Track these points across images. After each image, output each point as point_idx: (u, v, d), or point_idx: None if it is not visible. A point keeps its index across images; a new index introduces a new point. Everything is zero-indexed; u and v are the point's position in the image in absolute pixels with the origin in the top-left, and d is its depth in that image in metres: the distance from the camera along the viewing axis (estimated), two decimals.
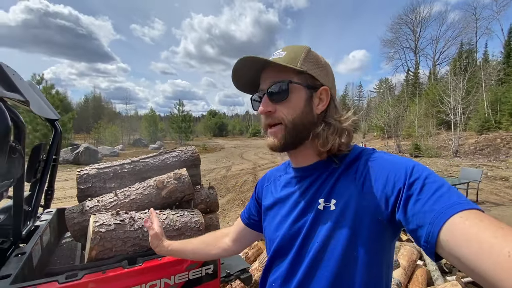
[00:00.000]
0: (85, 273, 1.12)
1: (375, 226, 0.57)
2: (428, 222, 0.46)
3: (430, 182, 0.50)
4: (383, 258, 0.61)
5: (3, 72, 1.13)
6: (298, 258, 0.66)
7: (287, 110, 0.65)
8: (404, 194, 0.52)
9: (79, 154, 14.54)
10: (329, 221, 0.61)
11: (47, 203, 2.07)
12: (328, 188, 0.64)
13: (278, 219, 0.74)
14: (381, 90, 46.25)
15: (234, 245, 0.95)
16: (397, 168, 0.56)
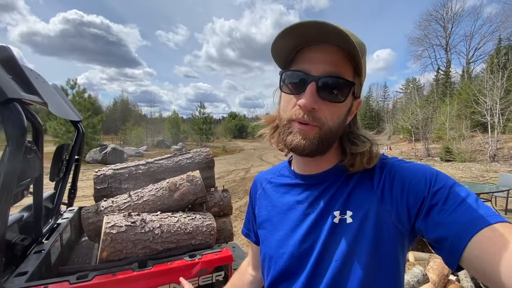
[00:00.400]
0: (96, 274, 1.12)
1: (397, 237, 0.53)
2: (454, 234, 0.43)
3: (455, 192, 0.47)
4: (402, 267, 0.57)
5: (24, 75, 1.17)
6: (313, 279, 0.57)
7: (331, 115, 0.55)
8: (427, 203, 0.48)
9: (107, 154, 15.32)
10: (347, 235, 0.55)
11: (70, 201, 2.16)
12: (343, 198, 0.58)
13: (281, 234, 0.64)
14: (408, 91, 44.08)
15: (258, 273, 0.83)
16: (419, 176, 0.52)
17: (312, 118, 0.53)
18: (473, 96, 18.78)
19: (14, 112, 0.97)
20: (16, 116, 0.97)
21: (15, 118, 0.97)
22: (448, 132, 19.56)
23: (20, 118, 0.98)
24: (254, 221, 0.78)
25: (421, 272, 2.17)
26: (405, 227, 0.52)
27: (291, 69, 0.56)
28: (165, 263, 1.24)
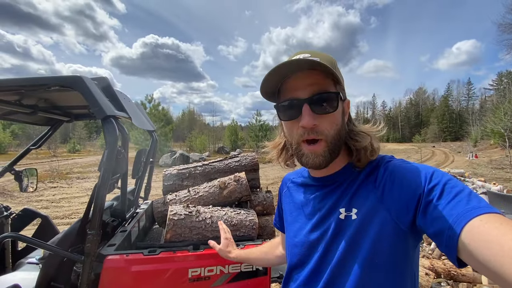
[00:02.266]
0: (161, 250, 1.42)
1: (397, 234, 0.56)
2: (448, 227, 0.46)
3: (449, 187, 0.50)
4: (406, 268, 0.59)
5: (116, 97, 1.58)
6: (319, 266, 0.66)
7: (330, 125, 0.62)
8: (423, 199, 0.51)
9: (176, 159, 17.30)
10: (351, 230, 0.61)
11: (145, 196, 2.65)
12: (349, 197, 0.64)
13: (297, 226, 0.74)
14: (501, 87, 36.75)
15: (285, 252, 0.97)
16: (416, 175, 0.56)
17: (316, 133, 0.61)
18: None
19: (110, 125, 1.34)
20: (111, 128, 1.34)
21: (111, 129, 1.34)
22: None
23: (114, 129, 1.35)
24: (281, 214, 0.92)
25: None
26: (404, 223, 0.55)
27: (282, 100, 0.66)
28: (213, 248, 1.48)
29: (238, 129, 38.85)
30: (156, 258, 1.38)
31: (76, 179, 11.26)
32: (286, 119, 0.67)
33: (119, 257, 1.35)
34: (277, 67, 0.59)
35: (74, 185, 9.81)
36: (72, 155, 24.08)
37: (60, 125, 2.35)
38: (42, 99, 1.87)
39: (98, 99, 1.32)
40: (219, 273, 1.43)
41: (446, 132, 58.08)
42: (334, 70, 0.59)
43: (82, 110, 2.28)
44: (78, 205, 6.98)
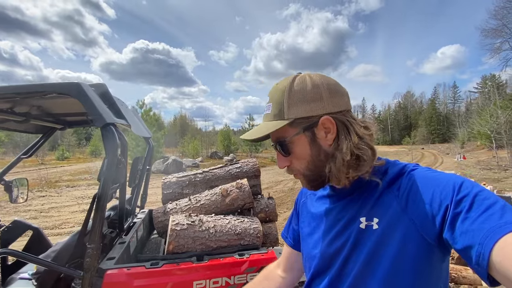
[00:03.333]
0: (164, 263, 1.37)
1: (421, 246, 0.54)
2: (478, 242, 0.43)
3: (480, 199, 0.47)
4: (431, 281, 0.56)
5: (115, 104, 1.53)
6: (339, 277, 0.64)
7: (298, 162, 0.66)
8: (451, 211, 0.49)
9: (168, 165, 17.05)
10: (372, 240, 0.59)
11: (142, 204, 2.57)
12: (370, 206, 0.62)
13: (316, 237, 0.72)
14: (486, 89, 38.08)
15: (288, 274, 0.89)
16: (444, 185, 0.53)
17: (291, 171, 0.68)
18: None
19: (110, 132, 1.29)
20: (111, 136, 1.29)
21: (111, 137, 1.29)
22: None
23: (114, 137, 1.30)
24: (295, 226, 0.86)
25: None
26: (430, 236, 0.52)
27: None
28: (218, 259, 1.43)
29: (231, 134, 38.76)
30: (159, 271, 1.33)
31: (66, 187, 10.93)
32: None
33: (120, 271, 1.29)
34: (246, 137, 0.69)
35: (63, 193, 9.52)
36: (61, 163, 23.44)
37: (52, 133, 2.26)
38: (35, 107, 1.80)
39: (97, 106, 1.27)
40: (225, 284, 1.39)
41: (434, 134, 59.53)
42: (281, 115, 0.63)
43: (76, 117, 2.20)
44: (68, 215, 6.76)
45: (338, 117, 0.62)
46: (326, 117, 0.61)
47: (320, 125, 0.62)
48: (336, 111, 0.62)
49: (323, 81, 0.63)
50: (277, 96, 0.65)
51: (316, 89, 0.62)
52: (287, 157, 0.66)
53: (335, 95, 0.63)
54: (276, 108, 0.64)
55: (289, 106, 0.62)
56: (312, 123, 0.62)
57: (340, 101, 0.63)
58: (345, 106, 0.64)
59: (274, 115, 0.64)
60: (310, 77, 0.64)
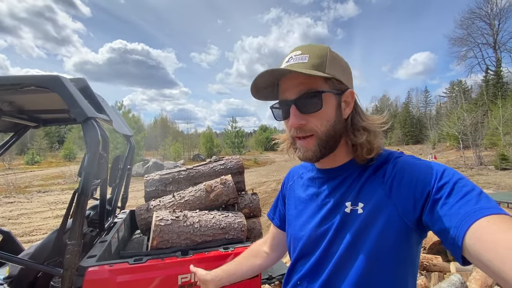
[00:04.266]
0: (148, 258, 1.36)
1: (402, 230, 0.56)
2: (454, 225, 0.46)
3: (460, 186, 0.50)
4: (409, 264, 0.60)
5: (96, 98, 1.50)
6: (323, 259, 0.67)
7: (320, 122, 0.63)
8: (432, 196, 0.51)
9: (149, 168, 16.58)
10: (356, 224, 0.61)
11: (123, 205, 2.51)
12: (356, 191, 0.64)
13: (303, 219, 0.74)
14: (453, 94, 40.71)
15: (273, 252, 0.94)
16: (427, 172, 0.55)
17: (304, 131, 0.64)
18: None
19: (91, 127, 1.27)
20: (93, 130, 1.27)
21: (92, 132, 1.27)
22: (502, 138, 17.51)
23: (96, 132, 1.28)
24: (281, 208, 0.89)
25: (459, 280, 2.07)
26: (410, 219, 0.55)
27: (276, 102, 0.70)
28: (203, 253, 1.44)
29: (213, 136, 38.41)
30: (143, 267, 1.32)
31: (37, 192, 10.27)
32: (280, 119, 0.70)
33: (102, 268, 1.27)
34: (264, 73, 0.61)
35: (34, 199, 8.93)
36: (30, 167, 21.95)
37: (25, 131, 2.16)
38: (6, 102, 1.71)
39: (77, 100, 1.24)
40: None
41: (408, 136, 62.67)
42: (322, 67, 0.61)
43: (52, 115, 2.12)
44: (40, 221, 6.36)
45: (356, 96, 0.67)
46: (352, 91, 0.65)
47: (344, 96, 0.65)
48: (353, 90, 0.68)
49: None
50: (317, 51, 0.63)
51: (347, 65, 0.68)
52: (305, 114, 0.63)
53: (352, 77, 0.70)
54: (316, 60, 0.61)
55: (330, 64, 0.62)
56: (342, 90, 0.64)
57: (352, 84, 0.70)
58: None
59: (312, 65, 0.61)
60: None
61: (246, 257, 0.98)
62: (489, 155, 18.65)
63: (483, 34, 36.38)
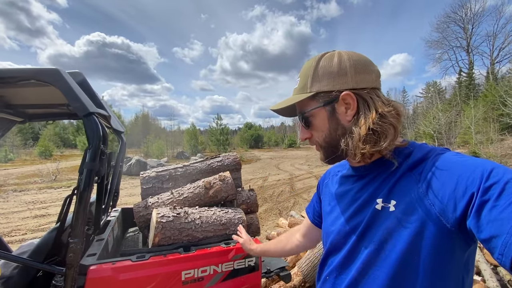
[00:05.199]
0: (151, 255, 1.35)
1: (440, 233, 0.53)
2: (506, 232, 0.41)
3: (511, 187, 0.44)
4: (449, 270, 0.55)
5: (94, 93, 1.47)
6: (352, 254, 0.66)
7: (317, 134, 0.71)
8: (478, 199, 0.46)
9: (131, 166, 16.08)
10: (387, 222, 0.59)
11: (113, 203, 2.45)
12: (388, 188, 0.61)
13: (335, 215, 0.75)
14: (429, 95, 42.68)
15: (304, 240, 1.02)
16: (471, 170, 0.50)
17: (311, 142, 0.74)
18: (499, 97, 17.93)
19: (93, 122, 1.24)
20: (95, 126, 1.24)
21: (94, 127, 1.24)
22: (474, 136, 18.67)
23: (98, 127, 1.25)
24: (316, 204, 0.94)
25: None
26: (449, 221, 0.51)
27: None
28: (205, 249, 1.46)
29: (197, 134, 37.83)
30: (146, 264, 1.31)
31: (13, 191, 9.67)
32: None
33: (105, 266, 1.25)
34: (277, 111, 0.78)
35: (10, 198, 8.41)
36: (4, 165, 20.59)
37: (11, 127, 2.05)
38: None
39: (79, 95, 1.21)
40: (213, 272, 1.42)
41: None
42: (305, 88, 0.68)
43: (39, 110, 2.03)
44: (19, 221, 6.02)
45: (361, 94, 0.63)
46: (347, 93, 0.63)
47: (341, 100, 0.64)
48: (360, 87, 0.63)
49: (352, 58, 0.65)
50: (305, 71, 0.70)
51: (341, 65, 0.64)
52: (308, 129, 0.72)
53: (361, 72, 0.64)
54: (302, 82, 0.69)
55: (313, 80, 0.67)
56: (333, 97, 0.65)
57: (365, 78, 0.64)
58: (371, 83, 0.64)
59: (299, 88, 0.70)
60: (340, 54, 0.67)
61: (282, 240, 1.11)
62: (462, 152, 19.78)
63: (457, 37, 38.31)
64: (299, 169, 16.51)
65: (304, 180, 11.52)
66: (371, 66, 0.66)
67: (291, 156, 29.52)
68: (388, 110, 0.61)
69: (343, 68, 0.64)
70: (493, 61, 34.71)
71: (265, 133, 77.06)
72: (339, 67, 0.64)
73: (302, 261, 2.78)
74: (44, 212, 6.76)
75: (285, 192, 9.14)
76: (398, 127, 0.62)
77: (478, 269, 2.71)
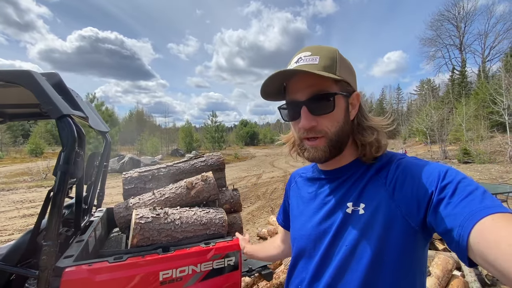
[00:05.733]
0: (128, 256, 1.36)
1: (406, 232, 0.56)
2: (458, 225, 0.45)
3: (463, 186, 0.50)
4: (415, 266, 0.59)
5: (70, 94, 1.45)
6: (325, 260, 0.65)
7: (331, 123, 0.63)
8: (435, 197, 0.51)
9: (124, 163, 15.98)
10: (358, 225, 0.60)
11: (99, 203, 2.44)
12: (357, 192, 0.63)
13: (304, 219, 0.74)
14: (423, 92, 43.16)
15: (284, 246, 1.03)
16: (430, 172, 0.55)
17: (315, 132, 0.63)
18: (489, 96, 18.24)
19: (67, 124, 1.23)
20: (69, 128, 1.23)
21: (68, 129, 1.23)
22: (465, 133, 18.99)
23: (72, 129, 1.25)
24: (286, 209, 0.92)
25: None
26: (414, 220, 0.54)
27: (284, 103, 0.69)
28: (184, 249, 1.47)
29: (192, 131, 37.67)
30: (123, 265, 1.32)
31: (1, 191, 9.55)
32: (288, 120, 0.69)
33: (80, 268, 1.25)
34: (275, 74, 0.60)
35: None
36: None
37: None
38: None
39: (51, 97, 1.20)
40: (191, 272, 1.43)
41: None
42: (333, 69, 0.61)
43: (19, 110, 2.00)
44: (6, 221, 5.95)
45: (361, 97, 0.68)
46: (358, 93, 0.66)
47: (352, 97, 0.66)
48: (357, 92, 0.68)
49: None
50: (327, 52, 0.63)
51: (352, 66, 0.68)
52: (317, 115, 0.63)
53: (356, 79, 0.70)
54: (328, 62, 0.61)
55: (340, 66, 0.63)
56: (350, 92, 0.66)
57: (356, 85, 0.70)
58: None
59: (324, 66, 0.60)
60: None
61: (268, 244, 1.13)
62: (453, 149, 20.14)
63: (450, 36, 38.75)
64: (293, 166, 16.59)
65: None
66: None
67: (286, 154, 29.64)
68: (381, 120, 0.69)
69: (353, 70, 0.68)
70: (484, 60, 35.23)
71: (261, 130, 77.07)
72: (352, 67, 0.68)
73: (289, 259, 2.81)
74: (32, 212, 6.68)
75: (278, 190, 9.19)
76: None
77: (458, 264, 2.78)
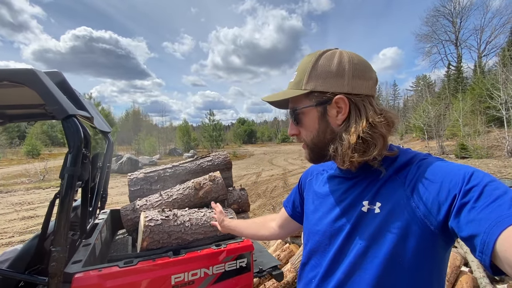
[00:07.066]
0: (139, 260, 1.32)
1: (423, 235, 0.54)
2: (484, 231, 0.43)
3: (490, 190, 0.47)
4: (433, 269, 0.57)
5: (74, 94, 1.40)
6: (339, 256, 0.66)
7: (306, 133, 0.69)
8: (458, 200, 0.49)
9: (122, 163, 15.85)
10: (373, 224, 0.60)
11: (102, 205, 2.39)
12: (374, 190, 0.62)
13: (319, 214, 0.74)
14: (419, 88, 43.31)
15: (279, 230, 1.03)
16: (453, 174, 0.53)
17: (299, 139, 0.73)
18: (486, 90, 18.34)
19: (73, 125, 1.19)
20: (75, 129, 1.19)
21: (74, 130, 1.18)
22: (462, 129, 19.12)
23: (78, 129, 1.20)
24: (296, 200, 0.94)
25: None
26: (433, 223, 0.53)
27: None
28: (195, 251, 1.43)
29: (190, 130, 37.49)
30: (134, 269, 1.28)
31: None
32: None
33: (90, 274, 1.21)
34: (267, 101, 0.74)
35: None
36: None
37: None
38: None
39: (57, 97, 1.15)
40: (203, 275, 1.40)
41: None
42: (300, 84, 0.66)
43: (20, 110, 1.94)
44: (5, 224, 5.87)
45: (354, 100, 0.62)
46: (341, 97, 0.62)
47: (333, 103, 0.63)
48: (354, 93, 0.62)
49: (352, 60, 0.63)
50: (302, 66, 0.67)
51: (340, 66, 0.62)
52: (297, 126, 0.71)
53: (358, 77, 0.62)
54: (298, 77, 0.67)
55: (309, 77, 0.64)
56: (326, 99, 0.63)
57: (362, 84, 0.63)
58: (366, 90, 0.63)
59: (294, 83, 0.68)
60: (341, 54, 0.64)
61: (257, 223, 1.11)
62: (450, 144, 20.26)
63: (446, 31, 38.79)
64: (292, 164, 16.60)
65: (298, 175, 11.58)
66: (369, 73, 0.65)
67: (284, 151, 29.65)
68: (379, 120, 0.61)
69: (341, 70, 0.63)
70: (480, 55, 35.40)
71: (258, 128, 77.04)
72: (338, 68, 0.63)
73: (295, 257, 2.79)
74: (32, 214, 6.60)
75: (278, 188, 9.17)
76: (387, 136, 0.62)
77: (465, 260, 2.78)
